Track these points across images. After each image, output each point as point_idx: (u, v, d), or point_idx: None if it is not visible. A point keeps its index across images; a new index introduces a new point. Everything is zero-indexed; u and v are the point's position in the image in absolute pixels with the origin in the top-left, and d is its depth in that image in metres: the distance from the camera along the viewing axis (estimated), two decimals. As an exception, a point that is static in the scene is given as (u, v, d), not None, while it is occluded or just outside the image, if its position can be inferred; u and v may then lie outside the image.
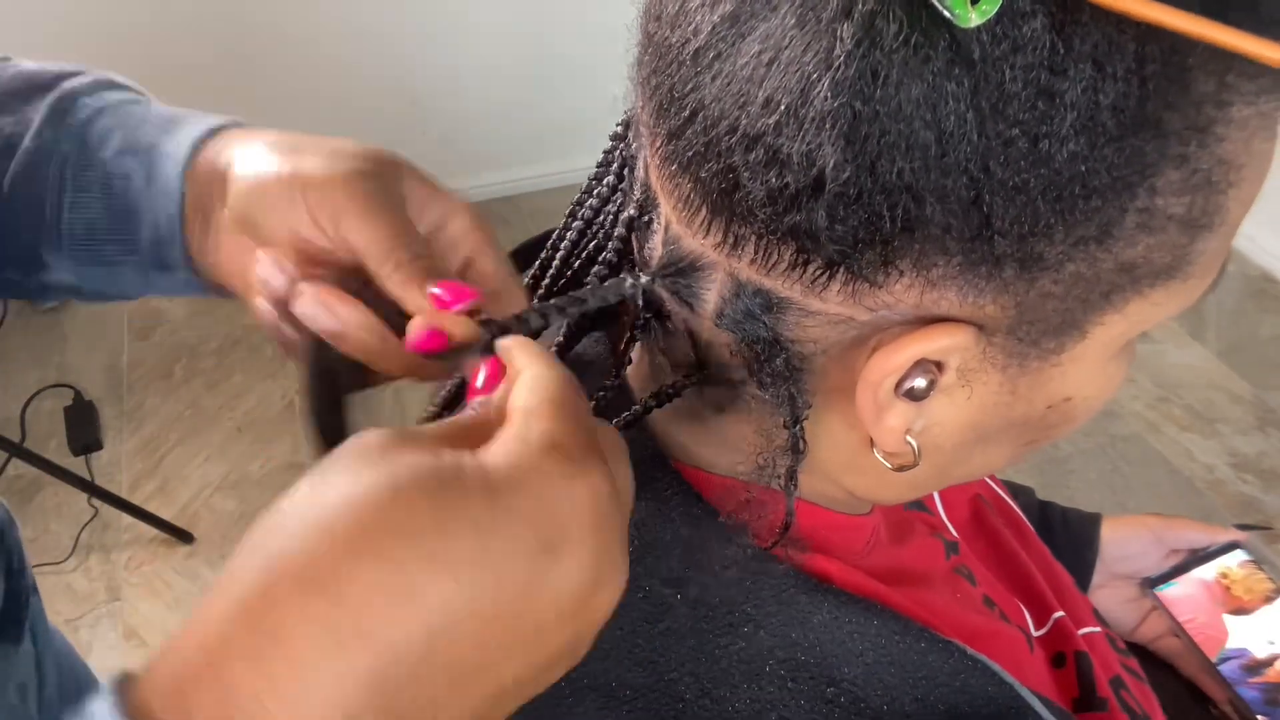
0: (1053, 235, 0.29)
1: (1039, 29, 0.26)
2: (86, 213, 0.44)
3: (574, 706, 0.37)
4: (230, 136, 0.43)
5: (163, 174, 0.42)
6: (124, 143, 0.44)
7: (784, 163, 0.29)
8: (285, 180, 0.37)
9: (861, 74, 0.27)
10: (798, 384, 0.35)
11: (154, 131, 0.43)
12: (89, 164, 0.43)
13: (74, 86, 0.46)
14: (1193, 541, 0.74)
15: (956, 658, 0.37)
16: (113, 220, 0.44)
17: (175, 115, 0.45)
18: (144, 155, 0.43)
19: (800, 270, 0.31)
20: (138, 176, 0.43)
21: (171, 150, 0.42)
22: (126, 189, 0.43)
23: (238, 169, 0.39)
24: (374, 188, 0.37)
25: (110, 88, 0.47)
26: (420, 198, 0.39)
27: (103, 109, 0.45)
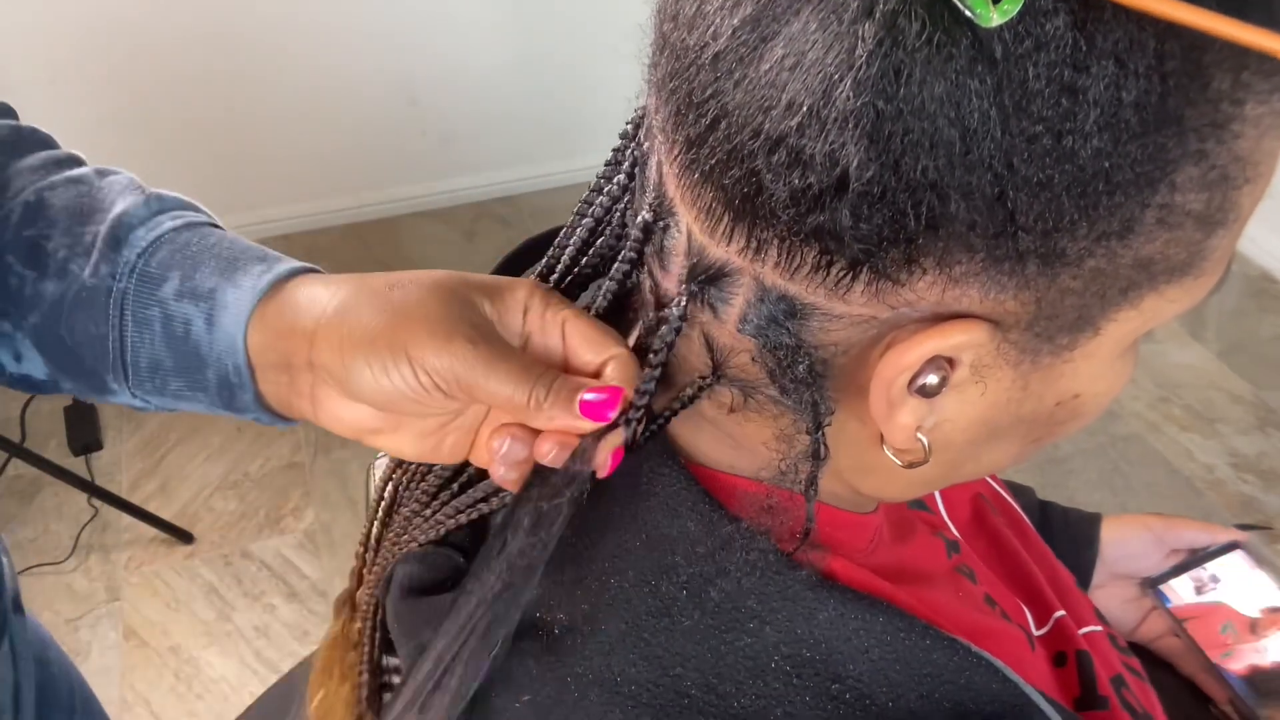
0: (1076, 231, 0.29)
1: (1061, 26, 0.26)
2: (149, 351, 0.44)
3: (579, 701, 0.37)
4: (298, 293, 0.43)
5: (225, 325, 0.43)
6: (183, 284, 0.43)
7: (807, 163, 0.29)
8: (388, 349, 0.38)
9: (884, 73, 0.27)
10: (820, 390, 0.35)
11: (212, 275, 0.43)
12: (148, 303, 0.43)
13: (127, 213, 0.45)
14: (1193, 541, 0.74)
15: (961, 655, 0.37)
16: (177, 360, 0.44)
17: (233, 254, 0.44)
18: (204, 302, 0.43)
19: (824, 273, 0.31)
20: (198, 323, 0.43)
21: (232, 302, 0.42)
22: (188, 334, 0.43)
23: (327, 337, 0.40)
24: (474, 333, 0.38)
25: (162, 210, 0.46)
26: (498, 307, 0.40)
27: (158, 241, 0.44)
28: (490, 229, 2.41)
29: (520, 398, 0.38)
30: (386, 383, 0.38)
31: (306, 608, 1.64)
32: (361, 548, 0.50)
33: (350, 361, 0.39)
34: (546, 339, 0.41)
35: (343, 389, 0.40)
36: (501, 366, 0.38)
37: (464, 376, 0.38)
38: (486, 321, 0.40)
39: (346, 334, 0.39)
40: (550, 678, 0.38)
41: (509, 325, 0.40)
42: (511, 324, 0.40)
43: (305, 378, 0.41)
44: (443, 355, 0.38)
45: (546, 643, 0.38)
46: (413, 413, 0.40)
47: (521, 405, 0.38)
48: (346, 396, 0.40)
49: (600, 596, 0.38)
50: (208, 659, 1.57)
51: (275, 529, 1.76)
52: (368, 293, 0.40)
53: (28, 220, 0.45)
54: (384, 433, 0.42)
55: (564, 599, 0.39)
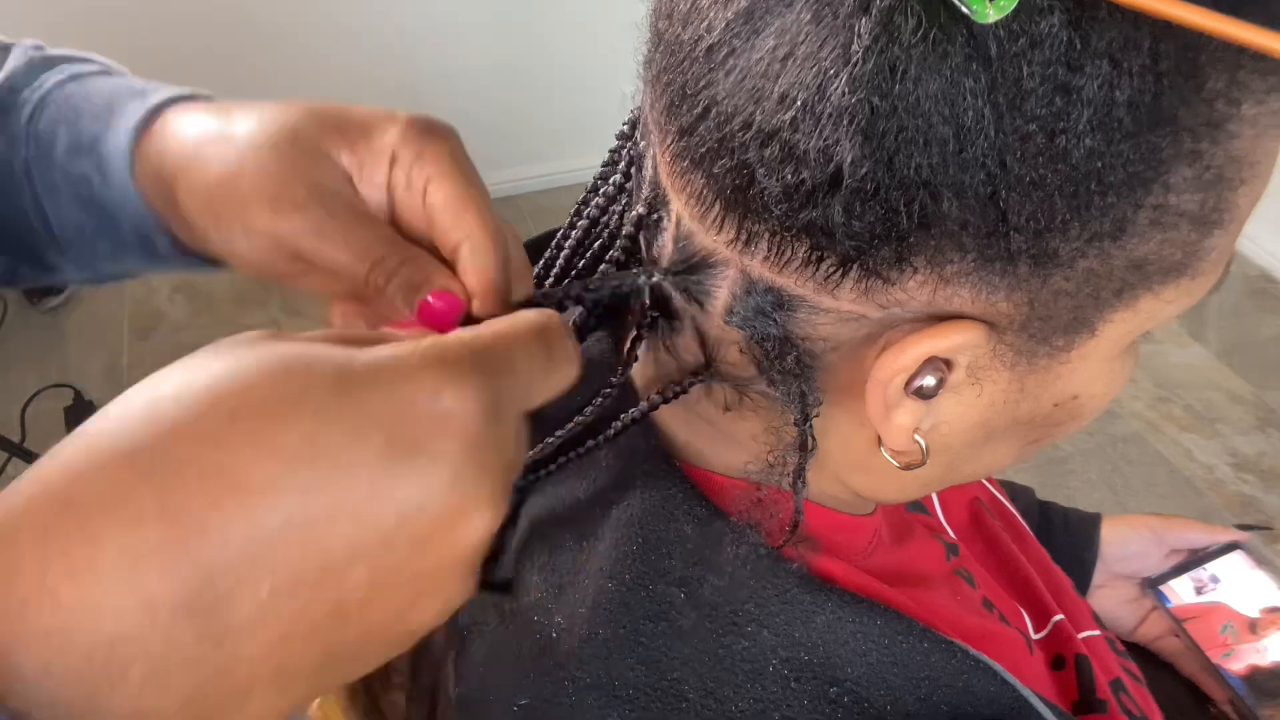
0: (1068, 231, 0.29)
1: (1056, 25, 0.26)
2: (68, 217, 0.41)
3: (576, 705, 0.37)
4: (165, 129, 0.38)
5: (115, 172, 0.39)
6: (70, 140, 0.40)
7: (800, 159, 0.29)
8: (225, 209, 0.34)
9: (880, 69, 0.27)
10: (809, 381, 0.35)
11: (93, 122, 0.40)
12: (49, 166, 0.40)
13: (12, 77, 0.42)
14: (1193, 541, 0.74)
15: (959, 658, 0.37)
16: (93, 221, 0.41)
17: (111, 96, 0.40)
18: (91, 155, 0.39)
19: (813, 267, 0.31)
20: (94, 177, 0.40)
21: (114, 146, 0.39)
22: (90, 192, 0.40)
23: (184, 186, 0.36)
24: (311, 196, 0.34)
25: (45, 65, 0.42)
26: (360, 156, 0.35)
27: (43, 100, 0.41)
28: (490, 229, 2.41)
29: (356, 272, 0.33)
30: (229, 247, 0.35)
31: (306, 608, 1.64)
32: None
33: (200, 217, 0.35)
34: (413, 198, 0.35)
35: (204, 237, 0.36)
36: (338, 234, 0.33)
37: (292, 244, 0.34)
38: (338, 174, 0.35)
39: (195, 185, 0.36)
40: (547, 681, 0.38)
41: (372, 176, 0.35)
42: (375, 175, 0.35)
43: (184, 222, 0.37)
44: (268, 218, 0.34)
45: (543, 646, 0.38)
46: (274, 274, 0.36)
47: (359, 284, 0.34)
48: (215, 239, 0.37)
49: (597, 600, 0.38)
50: (208, 659, 1.57)
51: (275, 529, 1.76)
52: (220, 134, 0.36)
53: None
54: (295, 277, 0.36)
55: (561, 602, 0.39)
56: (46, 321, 2.11)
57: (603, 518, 0.40)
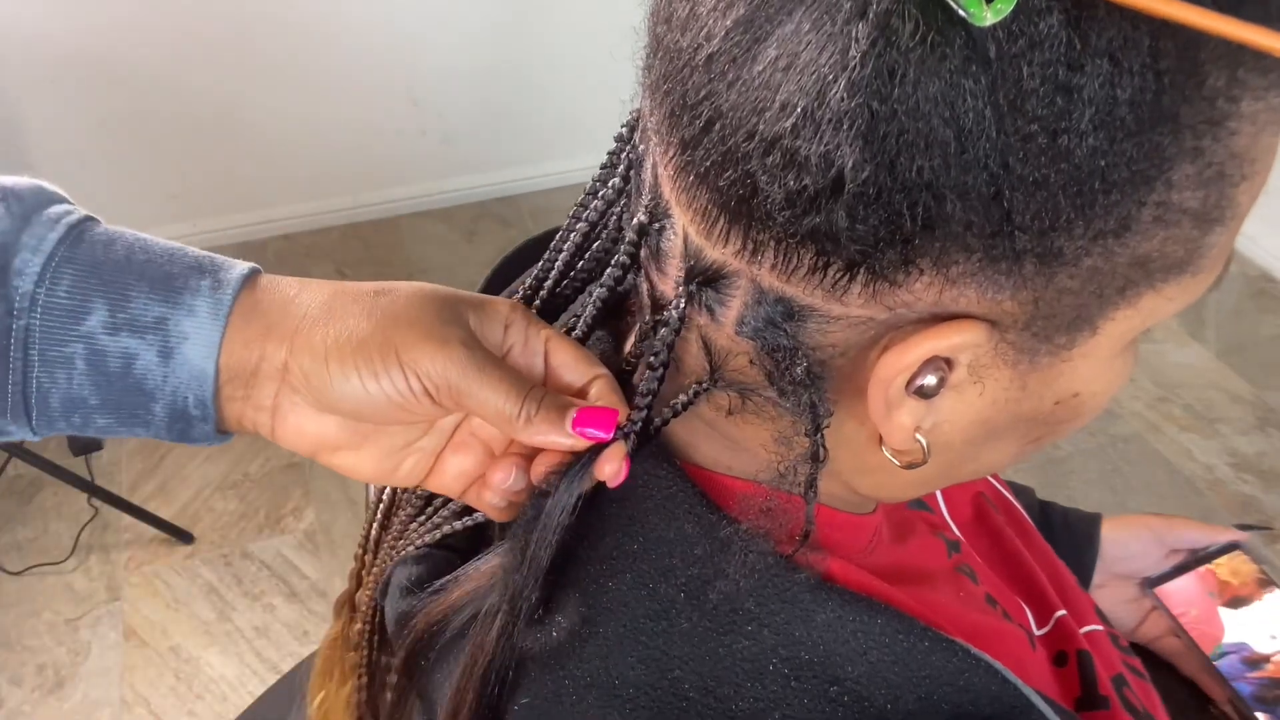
0: (1073, 230, 0.29)
1: (1055, 25, 0.26)
2: (65, 390, 0.38)
3: (576, 704, 0.37)
4: (265, 298, 0.39)
5: (187, 358, 0.38)
6: (114, 316, 0.38)
7: (802, 165, 0.29)
8: (379, 352, 0.37)
9: (878, 73, 0.27)
10: (819, 392, 0.35)
11: (150, 301, 0.38)
12: (65, 340, 0.38)
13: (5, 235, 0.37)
14: (1193, 541, 0.74)
15: (960, 657, 0.37)
16: (106, 397, 0.39)
17: (161, 270, 0.39)
18: (151, 334, 0.38)
19: (821, 274, 0.31)
20: (146, 356, 0.38)
21: (192, 330, 0.38)
22: (128, 369, 0.38)
23: (307, 343, 0.38)
24: (469, 341, 0.38)
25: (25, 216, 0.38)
26: (481, 321, 0.40)
27: (51, 264, 0.37)
28: (490, 229, 2.41)
29: (511, 409, 0.37)
30: (375, 387, 0.37)
31: (306, 608, 1.64)
32: (360, 550, 0.50)
33: (337, 366, 0.37)
34: (528, 358, 0.41)
35: (318, 396, 0.38)
36: (494, 375, 0.37)
37: (457, 382, 0.37)
38: (473, 332, 0.39)
39: (334, 337, 0.38)
40: (548, 680, 0.38)
41: (490, 340, 0.40)
42: (492, 338, 0.40)
43: (269, 387, 0.39)
44: (438, 360, 0.37)
45: (544, 645, 0.38)
46: (389, 422, 0.40)
47: (511, 417, 0.37)
48: (317, 406, 0.39)
49: (598, 599, 0.38)
50: (208, 659, 1.57)
51: (275, 529, 1.76)
52: (351, 297, 0.39)
53: None
54: (344, 450, 0.41)
55: (562, 601, 0.39)
56: (46, 321, 2.10)
57: (603, 516, 0.40)
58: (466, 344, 0.38)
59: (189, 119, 2.13)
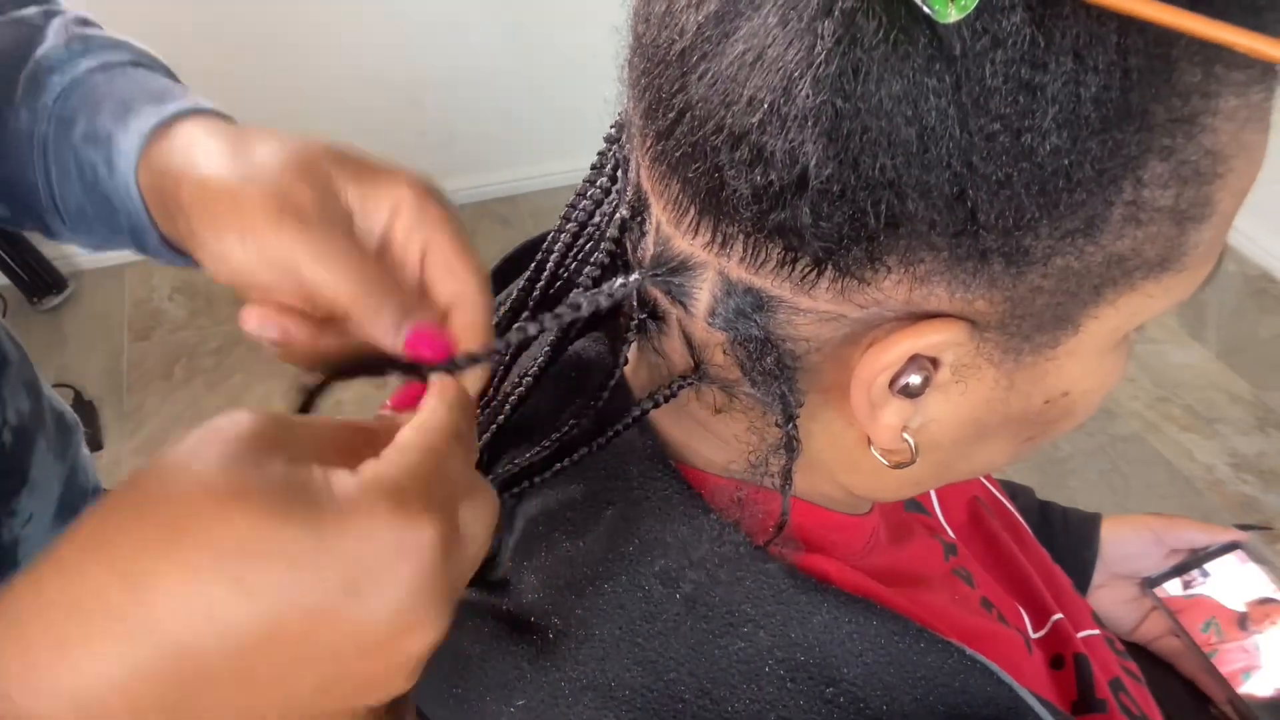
0: (1038, 229, 0.29)
1: (1019, 23, 0.26)
2: (72, 196, 0.44)
3: (572, 706, 0.37)
4: (176, 139, 0.40)
5: (120, 170, 0.42)
6: (87, 128, 0.43)
7: (768, 160, 0.29)
8: (225, 212, 0.35)
9: (842, 71, 0.27)
10: (789, 382, 0.35)
11: (110, 118, 0.43)
12: (64, 147, 0.44)
13: (47, 56, 0.45)
14: (1193, 541, 0.74)
15: (956, 658, 0.37)
16: (93, 205, 0.44)
17: (132, 95, 0.43)
18: (103, 146, 0.42)
19: (789, 268, 0.31)
20: (101, 167, 0.42)
21: (124, 146, 0.42)
22: (96, 178, 0.43)
23: (188, 186, 0.38)
24: (315, 216, 0.35)
25: (85, 50, 0.45)
26: (363, 197, 0.37)
27: (71, 84, 0.44)
28: (490, 229, 2.41)
29: (345, 294, 0.34)
30: (220, 246, 0.36)
31: (306, 608, 1.64)
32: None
33: (198, 216, 0.37)
34: (407, 252, 0.37)
35: (195, 245, 0.38)
36: (333, 258, 0.35)
37: (287, 258, 0.35)
38: (340, 208, 0.36)
39: (200, 187, 0.37)
40: (544, 682, 0.38)
41: (369, 222, 0.37)
42: (372, 221, 0.37)
43: (182, 222, 0.39)
44: (272, 231, 0.34)
45: (540, 647, 0.38)
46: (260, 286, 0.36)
47: (346, 306, 0.35)
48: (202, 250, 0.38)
49: (594, 601, 0.38)
50: (207, 659, 1.57)
51: (275, 529, 1.76)
52: (233, 147, 0.38)
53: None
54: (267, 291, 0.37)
55: (557, 603, 0.39)
56: (46, 321, 2.11)
57: (598, 518, 0.40)
58: (303, 217, 0.35)
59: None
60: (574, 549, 0.40)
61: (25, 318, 2.10)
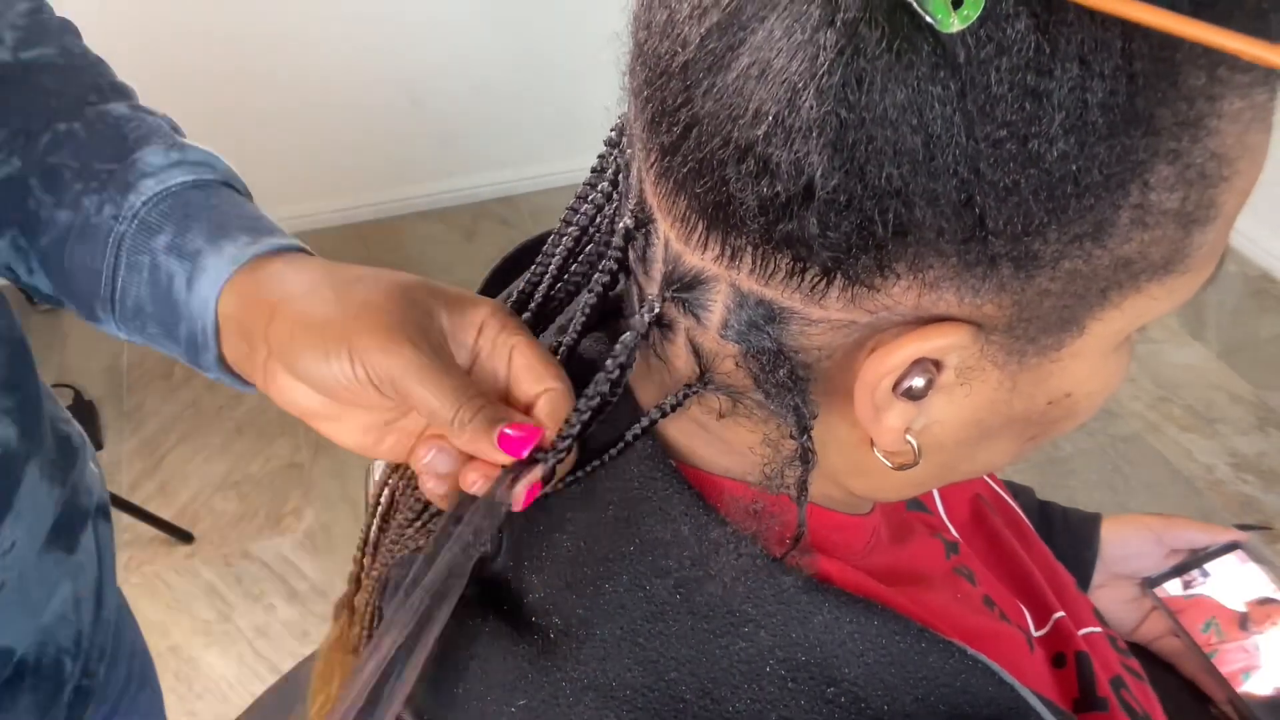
0: (1047, 234, 0.29)
1: (1023, 30, 0.26)
2: (135, 293, 0.47)
3: (573, 706, 0.37)
4: (272, 269, 0.45)
5: (201, 288, 0.45)
6: (173, 240, 0.46)
7: (774, 172, 0.29)
8: (334, 338, 0.39)
9: (846, 81, 0.27)
10: (803, 394, 0.35)
11: (200, 237, 0.46)
12: (141, 250, 0.46)
13: (144, 160, 0.48)
14: (1193, 541, 0.74)
15: (957, 658, 0.37)
16: (157, 307, 0.47)
17: (226, 221, 0.46)
18: (188, 261, 0.45)
19: (798, 279, 0.31)
20: (180, 280, 0.45)
21: (212, 267, 0.45)
22: (170, 287, 0.46)
23: (284, 316, 0.42)
24: (420, 340, 0.39)
25: (181, 163, 0.49)
26: (454, 321, 0.41)
27: (165, 194, 0.47)
28: (490, 229, 2.41)
29: (446, 413, 0.38)
30: (325, 369, 0.39)
31: (306, 608, 1.65)
32: (359, 552, 0.50)
33: (298, 342, 0.40)
34: (495, 362, 0.41)
35: (289, 368, 0.41)
36: (437, 377, 0.38)
37: (398, 379, 0.38)
38: (439, 332, 0.41)
39: (301, 316, 0.41)
40: (545, 682, 0.38)
41: (461, 340, 0.41)
42: (464, 340, 0.41)
43: (261, 350, 0.43)
44: (382, 354, 0.38)
45: (541, 647, 0.38)
46: (351, 404, 0.41)
47: (445, 421, 0.38)
48: (292, 375, 0.41)
49: (594, 601, 0.38)
50: (208, 659, 1.57)
51: (275, 529, 1.76)
52: (332, 282, 0.42)
53: (55, 147, 0.49)
54: (327, 419, 0.43)
55: (558, 603, 0.39)
56: (46, 322, 2.11)
57: (599, 518, 0.40)
58: (417, 343, 0.39)
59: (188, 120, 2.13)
60: (575, 549, 0.40)
61: (25, 318, 2.10)
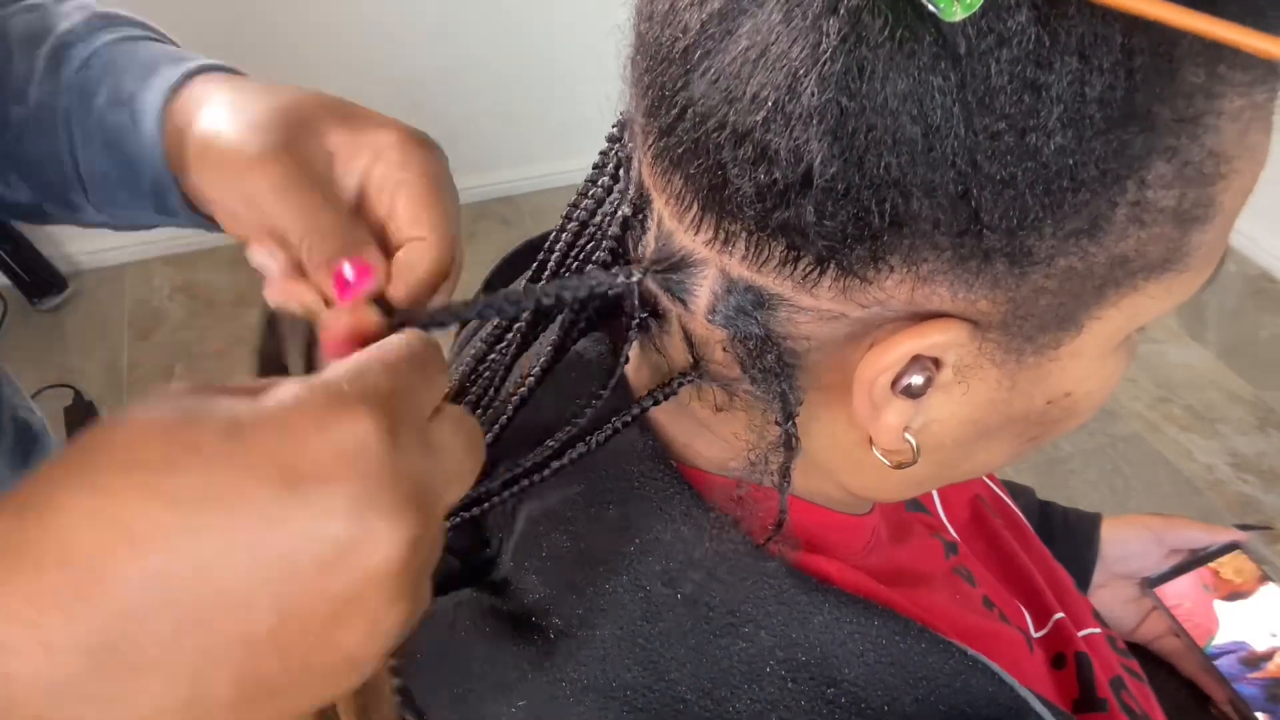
0: (1042, 229, 0.29)
1: (1024, 22, 0.26)
2: (96, 162, 0.45)
3: (573, 706, 0.37)
4: (192, 92, 0.43)
5: (144, 127, 0.43)
6: (111, 93, 0.44)
7: (772, 159, 0.29)
8: (221, 161, 0.38)
9: (848, 69, 0.27)
10: (789, 380, 0.35)
11: (134, 81, 0.44)
12: (87, 114, 0.45)
13: (70, 31, 0.47)
14: (1193, 541, 0.74)
15: (957, 658, 0.37)
16: (118, 169, 0.45)
17: (153, 59, 0.45)
18: (127, 107, 0.44)
19: (790, 266, 0.31)
20: (127, 128, 0.44)
21: (149, 104, 0.43)
22: (121, 140, 0.44)
23: (191, 140, 0.40)
24: (289, 158, 0.36)
25: (105, 25, 0.47)
26: (347, 141, 0.38)
27: (92, 55, 0.46)
28: (490, 229, 2.41)
29: (294, 234, 0.36)
30: (213, 193, 0.38)
31: (306, 608, 1.64)
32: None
33: (197, 170, 0.39)
34: (380, 197, 0.38)
35: (195, 194, 0.40)
36: (292, 196, 0.36)
37: (258, 196, 0.37)
38: (320, 150, 0.38)
39: (200, 139, 0.40)
40: (545, 682, 0.38)
41: (352, 165, 0.38)
42: (353, 164, 0.38)
43: (192, 177, 0.41)
44: (249, 172, 0.37)
45: (541, 647, 0.38)
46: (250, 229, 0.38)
47: (295, 244, 0.36)
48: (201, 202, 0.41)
49: (595, 601, 0.38)
50: (208, 659, 1.57)
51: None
52: (231, 101, 0.40)
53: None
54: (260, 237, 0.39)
55: (558, 603, 0.39)
56: (46, 321, 2.11)
57: (600, 518, 0.40)
58: (283, 160, 0.37)
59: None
60: (575, 549, 0.40)
61: (25, 318, 2.10)
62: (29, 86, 0.46)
